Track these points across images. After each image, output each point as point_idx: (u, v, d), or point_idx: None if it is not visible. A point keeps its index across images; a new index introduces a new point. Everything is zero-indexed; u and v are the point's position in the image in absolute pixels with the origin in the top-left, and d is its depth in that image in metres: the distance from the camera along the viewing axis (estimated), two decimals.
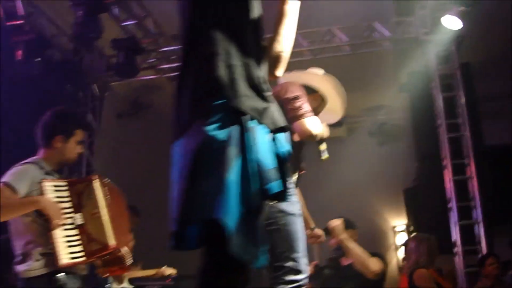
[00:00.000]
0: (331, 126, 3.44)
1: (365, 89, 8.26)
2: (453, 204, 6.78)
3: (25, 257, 3.11)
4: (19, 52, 5.98)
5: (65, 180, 3.30)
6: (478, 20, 6.67)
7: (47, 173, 3.26)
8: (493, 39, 7.40)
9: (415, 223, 8.20)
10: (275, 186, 1.74)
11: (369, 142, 9.87)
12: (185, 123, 1.85)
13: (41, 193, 3.11)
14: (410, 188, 8.53)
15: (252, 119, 1.77)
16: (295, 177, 3.19)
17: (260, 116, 1.79)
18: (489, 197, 6.85)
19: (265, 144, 1.78)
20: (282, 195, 1.81)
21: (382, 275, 4.56)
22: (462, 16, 6.41)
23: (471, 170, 6.82)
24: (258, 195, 1.71)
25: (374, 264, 4.48)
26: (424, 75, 7.40)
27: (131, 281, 5.63)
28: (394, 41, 7.42)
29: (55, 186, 3.19)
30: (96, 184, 3.26)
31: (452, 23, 6.52)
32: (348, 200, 8.50)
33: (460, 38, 6.92)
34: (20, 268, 3.11)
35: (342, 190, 8.87)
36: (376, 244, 8.74)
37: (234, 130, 1.73)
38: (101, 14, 6.19)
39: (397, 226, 10.13)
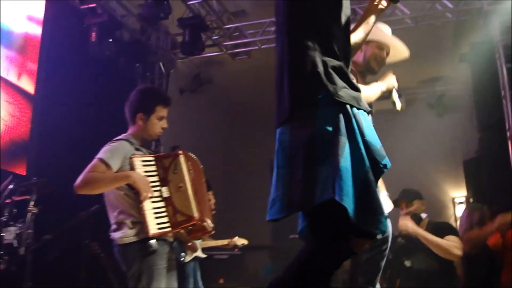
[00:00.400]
0: (389, 98, 3.60)
1: (424, 61, 8.21)
2: None
3: (120, 226, 3.34)
4: (93, 34, 6.24)
5: (153, 155, 3.50)
6: None
7: (137, 149, 3.47)
8: None
9: (476, 195, 8.18)
10: (387, 161, 1.98)
11: (428, 114, 9.84)
12: (285, 111, 2.06)
13: (131, 168, 3.33)
14: (470, 160, 8.49)
15: (352, 107, 1.99)
16: None
17: (358, 103, 2.02)
18: None
19: (369, 126, 2.01)
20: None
21: None
22: None
23: None
24: (375, 172, 1.94)
25: (454, 248, 4.52)
26: (487, 45, 7.30)
27: (203, 250, 5.90)
28: (457, 13, 7.34)
29: (144, 161, 3.39)
30: (181, 159, 3.45)
31: None
32: (408, 172, 8.52)
33: None
34: (115, 235, 3.35)
35: (401, 162, 8.85)
36: (436, 216, 8.78)
37: (341, 120, 1.95)
38: None
39: (457, 198, 10.11)
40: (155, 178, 3.40)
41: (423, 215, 4.80)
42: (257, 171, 8.70)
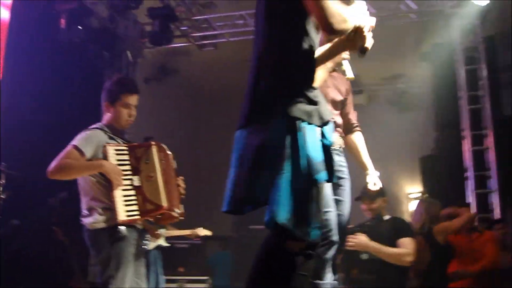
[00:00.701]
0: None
1: (387, 58, 8.43)
2: (470, 173, 7.08)
3: (91, 212, 3.41)
4: (62, 21, 6.21)
5: (126, 145, 3.56)
6: None
7: (111, 138, 3.53)
8: None
9: (430, 191, 8.48)
10: (322, 176, 2.15)
11: (389, 110, 10.08)
12: (245, 115, 2.26)
13: (105, 156, 3.40)
14: (426, 156, 8.79)
15: (303, 121, 2.16)
16: None
17: (309, 118, 2.18)
18: (505, 167, 7.13)
19: (314, 142, 2.17)
20: (331, 179, 2.23)
21: None
22: None
23: (490, 141, 7.09)
24: (309, 184, 2.13)
25: (405, 257, 4.70)
26: (447, 47, 7.59)
27: (166, 239, 5.97)
28: (420, 14, 7.59)
29: (117, 150, 3.46)
30: (154, 150, 3.53)
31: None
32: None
33: (484, 12, 7.09)
34: (86, 221, 3.42)
35: None
36: (391, 211, 9.06)
37: (290, 132, 2.13)
38: None
39: (412, 194, 10.42)
40: (128, 167, 3.46)
41: (386, 217, 4.96)
42: (221, 161, 8.73)
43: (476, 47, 7.36)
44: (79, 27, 6.40)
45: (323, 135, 2.26)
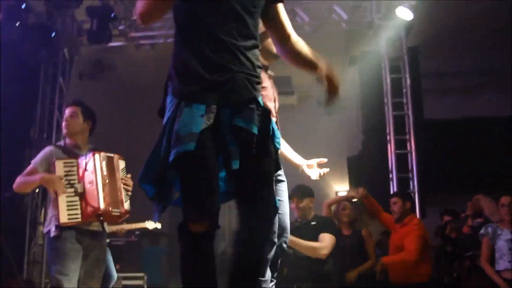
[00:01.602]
0: (283, 94, 3.93)
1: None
2: (393, 175, 7.57)
3: (49, 220, 4.03)
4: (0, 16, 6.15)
5: (74, 157, 4.05)
6: (426, 9, 7.35)
7: (65, 151, 4.11)
8: (438, 24, 8.12)
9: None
10: (181, 148, 2.15)
11: (319, 112, 10.46)
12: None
13: (53, 170, 3.94)
14: (354, 157, 9.27)
15: (180, 101, 2.24)
16: None
17: (192, 97, 2.23)
18: (425, 170, 7.67)
19: (186, 119, 2.19)
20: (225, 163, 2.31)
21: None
22: (413, 7, 7.11)
23: (411, 145, 7.61)
24: (171, 155, 2.20)
25: (321, 250, 5.10)
26: (375, 55, 8.05)
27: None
28: (350, 23, 8.01)
29: (65, 163, 3.99)
30: (97, 159, 3.99)
31: (404, 13, 7.22)
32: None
33: (409, 25, 7.60)
34: (45, 229, 4.06)
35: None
36: (319, 206, 9.48)
37: (172, 110, 2.25)
38: None
39: (340, 192, 10.87)
40: (75, 177, 3.98)
41: (312, 215, 5.35)
42: None
43: (401, 56, 7.84)
44: (17, 23, 6.34)
45: (219, 117, 2.24)
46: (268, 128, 2.35)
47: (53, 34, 6.92)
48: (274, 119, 2.64)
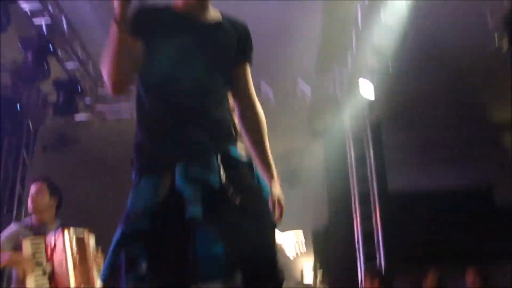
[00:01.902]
0: None
1: (280, 135, 8.88)
2: (360, 246, 7.57)
3: None
4: None
5: (42, 235, 3.92)
6: (389, 83, 7.60)
7: (31, 229, 3.99)
8: (401, 98, 8.39)
9: (323, 263, 8.88)
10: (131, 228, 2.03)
11: (281, 185, 10.47)
12: None
13: (20, 249, 3.79)
14: (318, 230, 9.25)
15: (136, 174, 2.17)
16: None
17: (141, 172, 2.15)
18: (391, 239, 7.68)
19: (138, 193, 2.10)
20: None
21: None
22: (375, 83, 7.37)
23: (377, 218, 7.65)
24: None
25: None
26: (338, 129, 8.21)
27: None
28: (314, 98, 8.20)
29: (33, 242, 3.85)
30: (66, 237, 3.86)
31: (367, 92, 7.42)
32: None
33: (372, 102, 7.80)
34: None
35: None
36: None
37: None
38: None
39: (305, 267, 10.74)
40: (42, 256, 3.84)
41: None
42: None
43: (364, 132, 7.99)
44: None
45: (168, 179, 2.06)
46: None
47: (18, 107, 6.85)
48: None
